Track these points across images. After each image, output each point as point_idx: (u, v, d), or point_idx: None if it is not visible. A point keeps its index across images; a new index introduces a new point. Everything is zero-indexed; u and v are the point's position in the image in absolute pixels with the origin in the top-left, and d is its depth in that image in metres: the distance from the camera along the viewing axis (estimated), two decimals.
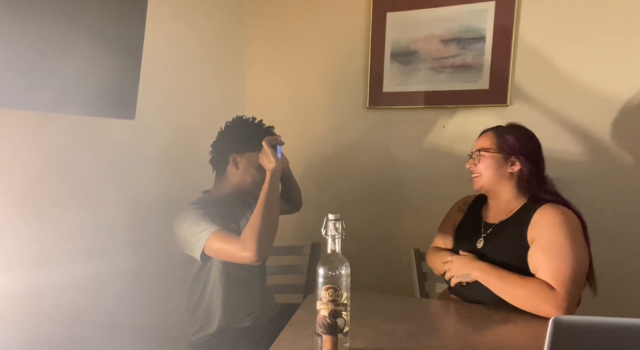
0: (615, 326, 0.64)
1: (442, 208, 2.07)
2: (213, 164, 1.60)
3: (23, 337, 1.25)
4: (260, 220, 1.35)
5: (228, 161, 1.54)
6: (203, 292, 1.52)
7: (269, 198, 1.41)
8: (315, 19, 2.23)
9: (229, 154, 1.53)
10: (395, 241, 2.17)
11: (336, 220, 0.99)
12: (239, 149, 1.53)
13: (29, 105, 1.16)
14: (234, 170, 1.54)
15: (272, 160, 1.45)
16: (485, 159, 1.41)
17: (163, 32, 1.71)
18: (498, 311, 1.27)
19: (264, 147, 1.47)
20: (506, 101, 1.91)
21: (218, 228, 1.37)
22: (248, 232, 1.34)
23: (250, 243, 1.31)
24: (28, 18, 1.09)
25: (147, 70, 1.48)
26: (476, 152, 1.44)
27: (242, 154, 1.53)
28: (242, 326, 1.56)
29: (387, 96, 2.11)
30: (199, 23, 2.01)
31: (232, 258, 1.36)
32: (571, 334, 0.64)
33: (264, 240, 1.32)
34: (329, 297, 0.96)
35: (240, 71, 2.36)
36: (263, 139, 1.49)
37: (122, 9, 1.36)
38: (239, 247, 1.32)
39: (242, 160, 1.53)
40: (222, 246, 1.36)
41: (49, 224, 1.32)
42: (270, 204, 1.40)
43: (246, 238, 1.33)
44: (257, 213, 1.37)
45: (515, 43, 1.88)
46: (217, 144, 1.58)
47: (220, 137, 1.58)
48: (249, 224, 1.36)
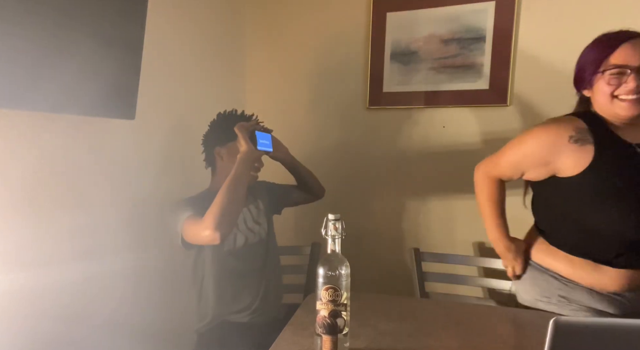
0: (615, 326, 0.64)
1: (442, 208, 2.08)
2: (205, 161, 1.65)
3: (23, 337, 1.24)
4: (220, 201, 1.37)
5: (215, 156, 1.59)
6: (202, 282, 1.55)
7: (233, 180, 1.42)
8: (315, 19, 2.23)
9: (214, 149, 1.58)
10: (395, 241, 2.17)
11: (336, 220, 0.99)
12: (221, 142, 1.57)
13: (29, 105, 1.16)
14: (221, 162, 1.59)
15: (242, 144, 1.48)
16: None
17: (163, 32, 1.71)
18: (498, 311, 1.27)
19: (236, 132, 1.50)
20: (506, 101, 1.91)
21: (191, 214, 1.41)
22: (208, 212, 1.36)
23: (207, 222, 1.34)
24: (28, 18, 1.09)
25: (147, 70, 1.48)
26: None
27: (224, 146, 1.57)
28: (238, 321, 1.56)
29: (387, 96, 2.11)
30: (199, 23, 2.01)
31: (198, 239, 1.40)
32: (571, 334, 0.64)
33: (222, 220, 1.34)
34: (328, 297, 0.96)
35: (240, 71, 2.36)
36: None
37: (122, 9, 1.36)
38: (199, 227, 1.36)
39: (224, 151, 1.57)
40: (191, 229, 1.39)
41: (49, 224, 1.32)
42: (233, 185, 1.41)
43: (205, 218, 1.35)
44: (219, 194, 1.39)
45: (515, 43, 1.88)
46: (205, 141, 1.63)
47: (206, 134, 1.63)
48: (211, 205, 1.38)
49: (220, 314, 1.55)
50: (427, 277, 1.85)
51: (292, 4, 2.27)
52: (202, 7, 2.02)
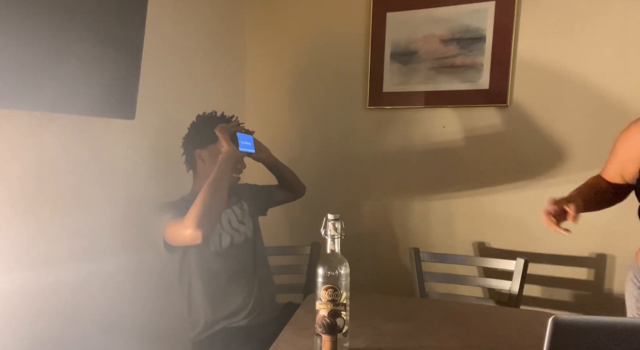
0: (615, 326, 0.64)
1: (442, 208, 2.08)
2: (186, 164, 1.63)
3: (22, 337, 1.24)
4: (201, 200, 1.36)
5: (196, 159, 1.58)
6: (190, 288, 1.53)
7: (214, 180, 1.41)
8: (316, 19, 2.23)
9: (195, 151, 1.57)
10: (395, 241, 2.17)
11: (335, 220, 0.99)
12: (201, 144, 1.56)
13: (29, 105, 1.16)
14: (202, 165, 1.57)
15: (223, 145, 1.48)
16: None
17: (163, 32, 1.71)
18: (498, 311, 1.27)
19: (217, 134, 1.50)
20: (506, 101, 1.91)
21: (173, 215, 1.40)
22: (189, 211, 1.36)
23: (188, 221, 1.33)
24: (28, 18, 1.09)
25: (147, 70, 1.48)
26: None
27: (205, 148, 1.56)
28: (237, 325, 1.55)
29: (387, 96, 2.11)
30: (199, 23, 2.01)
31: (180, 239, 1.39)
32: (571, 333, 0.64)
33: (204, 219, 1.33)
34: (328, 297, 0.96)
35: (240, 71, 2.36)
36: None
37: (122, 9, 1.36)
38: (181, 227, 1.35)
39: (206, 153, 1.56)
40: (172, 229, 1.39)
41: (48, 224, 1.32)
42: (215, 185, 1.41)
43: (187, 217, 1.35)
44: (200, 193, 1.38)
45: (515, 43, 1.88)
46: (185, 144, 1.61)
47: (186, 136, 1.61)
48: (192, 205, 1.37)
49: (214, 319, 1.52)
50: (427, 277, 1.85)
51: (292, 4, 2.27)
52: (202, 8, 2.02)
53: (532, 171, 1.91)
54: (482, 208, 2.00)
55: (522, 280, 1.68)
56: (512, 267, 1.71)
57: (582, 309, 1.88)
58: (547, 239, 1.90)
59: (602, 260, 1.83)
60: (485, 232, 2.01)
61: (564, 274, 1.89)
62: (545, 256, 1.90)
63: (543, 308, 1.93)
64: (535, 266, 1.90)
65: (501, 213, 1.97)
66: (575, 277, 1.88)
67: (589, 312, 1.85)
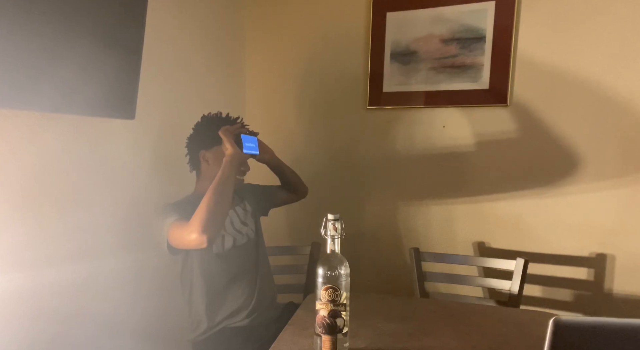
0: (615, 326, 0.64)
1: (442, 208, 2.08)
2: (190, 164, 1.62)
3: (22, 337, 1.24)
4: (206, 204, 1.35)
5: (200, 160, 1.57)
6: (191, 290, 1.53)
7: (219, 183, 1.40)
8: (315, 19, 2.23)
9: (199, 152, 1.56)
10: (395, 241, 2.17)
11: (335, 220, 0.99)
12: (206, 145, 1.55)
13: (29, 105, 1.16)
14: (207, 166, 1.57)
15: (227, 147, 1.47)
16: None
17: (163, 32, 1.71)
18: (498, 311, 1.27)
19: (221, 136, 1.49)
20: (506, 101, 1.91)
21: (176, 218, 1.39)
22: (194, 215, 1.34)
23: (194, 225, 1.32)
24: (28, 18, 1.09)
25: (147, 70, 1.48)
26: None
27: (209, 149, 1.55)
28: (238, 325, 1.55)
29: (387, 96, 2.11)
30: (199, 23, 2.01)
31: (185, 243, 1.37)
32: (571, 334, 0.64)
33: (209, 223, 1.32)
34: (328, 297, 0.96)
35: (240, 70, 2.36)
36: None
37: (122, 9, 1.36)
38: (186, 231, 1.34)
39: (210, 155, 1.55)
40: (177, 233, 1.37)
41: (48, 224, 1.32)
42: (220, 188, 1.39)
43: (192, 221, 1.33)
44: (205, 197, 1.37)
45: (515, 43, 1.88)
46: (189, 144, 1.60)
47: (190, 137, 1.61)
48: (197, 208, 1.36)
49: (215, 319, 1.52)
50: (427, 276, 1.85)
51: (292, 4, 2.27)
52: (202, 8, 2.02)
53: (532, 171, 1.91)
54: (482, 208, 2.00)
55: (522, 280, 1.68)
56: (512, 267, 1.71)
57: (582, 309, 1.88)
58: (547, 239, 1.90)
59: (602, 260, 1.83)
60: (485, 232, 2.01)
61: (564, 274, 1.89)
62: (545, 256, 1.90)
63: (543, 308, 1.92)
64: (535, 266, 1.90)
65: (501, 213, 1.97)
66: (575, 277, 1.88)
67: (589, 312, 1.85)
